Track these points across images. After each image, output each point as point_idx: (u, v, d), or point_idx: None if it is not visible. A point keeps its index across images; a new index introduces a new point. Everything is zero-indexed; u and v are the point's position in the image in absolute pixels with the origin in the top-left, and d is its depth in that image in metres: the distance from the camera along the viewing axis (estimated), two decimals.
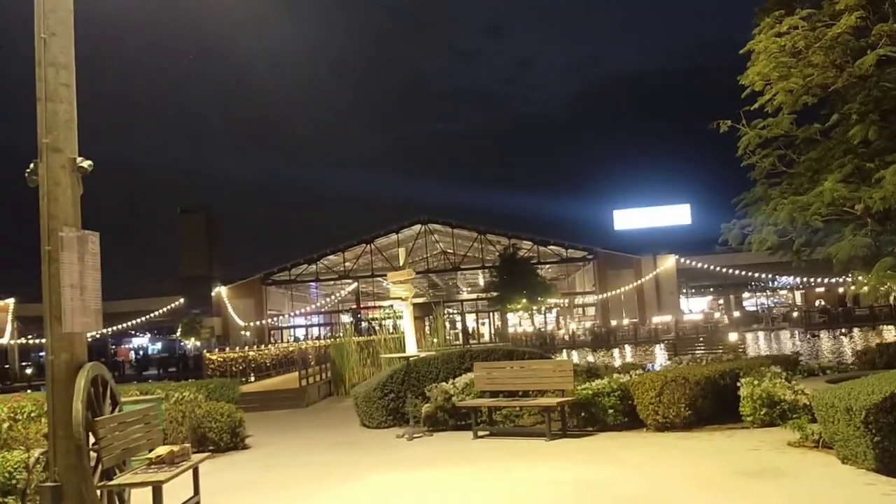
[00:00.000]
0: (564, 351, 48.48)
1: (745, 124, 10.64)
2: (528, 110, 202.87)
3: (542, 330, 61.23)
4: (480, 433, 12.24)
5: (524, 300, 57.66)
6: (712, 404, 11.57)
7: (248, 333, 64.58)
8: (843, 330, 49.02)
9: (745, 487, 7.57)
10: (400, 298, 14.34)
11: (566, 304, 69.90)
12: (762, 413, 10.80)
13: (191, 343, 65.03)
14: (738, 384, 11.23)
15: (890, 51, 9.11)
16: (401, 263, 15.28)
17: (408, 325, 14.23)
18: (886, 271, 9.67)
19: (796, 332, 52.10)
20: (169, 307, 70.59)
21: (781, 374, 11.53)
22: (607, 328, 57.27)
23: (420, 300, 52.07)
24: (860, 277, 11.66)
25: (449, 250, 75.10)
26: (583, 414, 12.01)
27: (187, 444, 7.83)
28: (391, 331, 28.64)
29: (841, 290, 64.22)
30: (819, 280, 61.80)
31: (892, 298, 64.45)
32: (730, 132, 11.19)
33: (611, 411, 11.77)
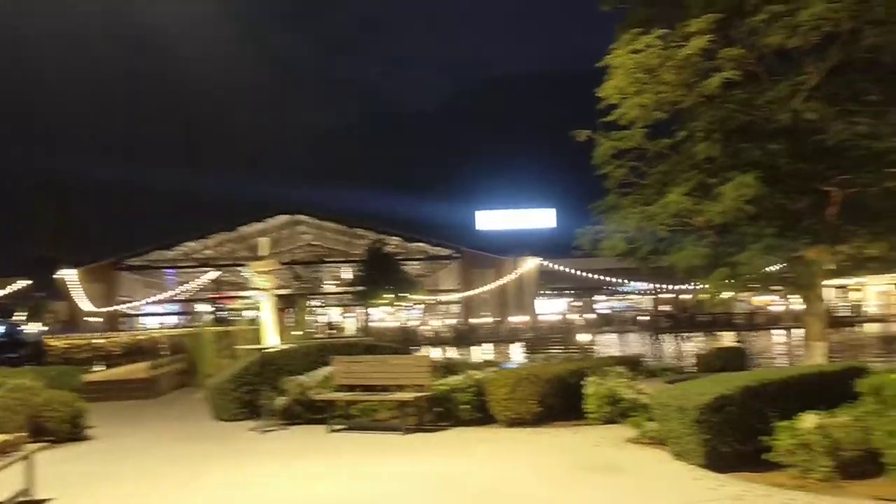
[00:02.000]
0: (427, 347, 48.93)
1: (603, 135, 11.16)
2: (402, 107, 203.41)
3: (406, 326, 61.54)
4: (336, 427, 12.21)
5: (389, 295, 57.91)
6: (561, 401, 12.02)
7: (97, 320, 61.37)
8: (686, 334, 52.03)
9: (585, 481, 7.95)
10: (261, 289, 14.07)
11: (431, 301, 70.62)
12: (605, 410, 11.34)
13: (34, 328, 61.15)
14: (584, 383, 11.74)
15: (734, 74, 9.82)
16: (263, 253, 15.01)
17: (268, 317, 13.98)
18: (722, 280, 10.41)
19: (644, 335, 54.79)
20: (11, 289, 66.05)
21: (625, 374, 12.14)
22: (469, 326, 58.27)
23: (283, 292, 51.07)
24: (702, 285, 12.44)
25: (316, 242, 74.34)
26: (439, 409, 12.21)
27: (22, 434, 7.40)
28: (251, 322, 28.02)
29: (687, 296, 68.30)
30: (667, 286, 65.47)
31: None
32: (592, 141, 11.70)
33: (465, 407, 12.03)
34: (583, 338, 26.97)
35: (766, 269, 11.40)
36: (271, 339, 13.65)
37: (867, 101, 10.15)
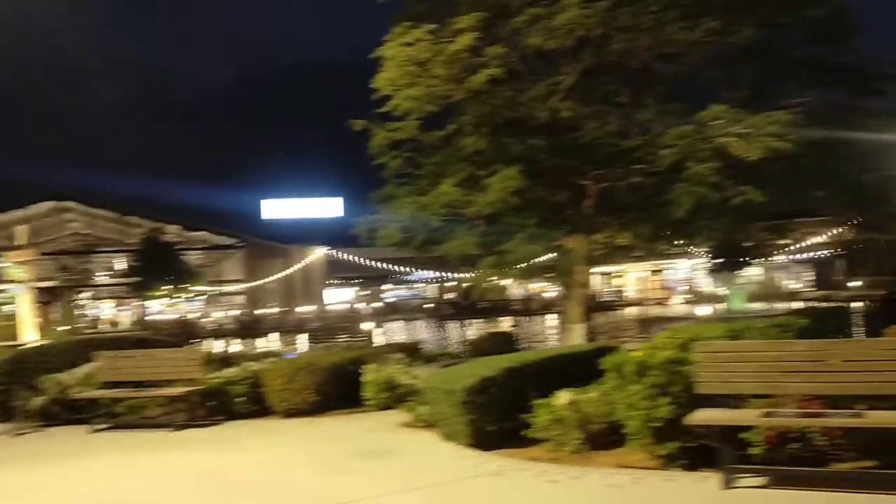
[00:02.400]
0: (210, 340, 47.23)
1: (378, 125, 11.33)
2: (185, 94, 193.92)
3: (186, 319, 58.97)
4: (100, 427, 11.47)
5: (167, 287, 55.20)
6: (340, 390, 12.05)
7: None
8: (468, 321, 54.18)
9: (354, 466, 8.05)
10: (17, 281, 12.89)
11: (214, 293, 68.13)
12: (383, 397, 11.53)
13: None
14: (362, 371, 11.87)
15: (498, 72, 10.35)
16: (20, 242, 13.75)
17: (25, 311, 12.84)
18: (492, 268, 10.97)
19: (429, 322, 56.34)
20: None
21: (403, 361, 12.42)
22: (254, 317, 56.87)
23: (45, 284, 47.33)
24: (475, 273, 12.99)
25: (86, 231, 69.11)
26: (213, 403, 11.82)
27: None
28: (6, 317, 25.59)
29: (469, 284, 71.06)
30: (451, 275, 67.74)
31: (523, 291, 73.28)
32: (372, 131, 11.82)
33: (241, 399, 11.75)
34: (367, 326, 27.21)
35: (535, 257, 12.13)
36: (28, 335, 12.55)
37: (617, 103, 11.08)
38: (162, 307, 63.55)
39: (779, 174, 10.23)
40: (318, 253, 65.54)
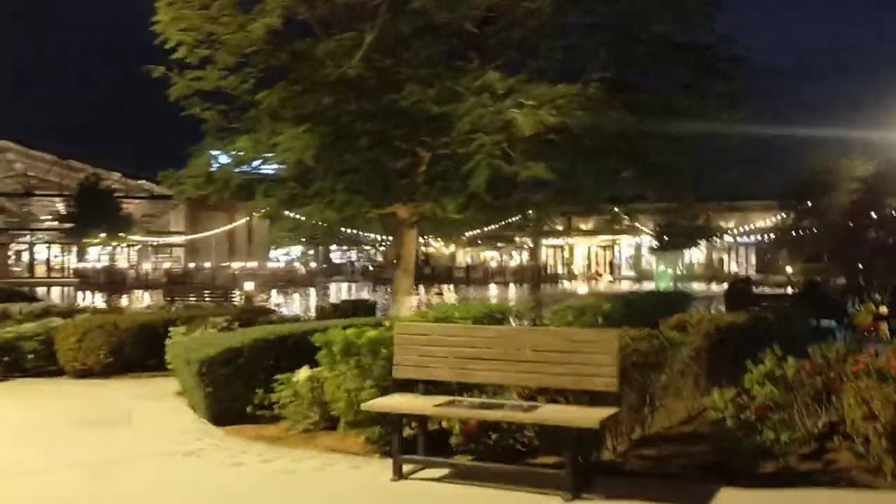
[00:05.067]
0: (136, 293, 46.19)
1: (178, 74, 10.48)
2: None
3: (113, 268, 57.73)
4: None
5: (103, 234, 54.20)
6: (147, 352, 11.46)
7: None
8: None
9: (70, 435, 7.56)
10: None
11: (153, 243, 67.01)
12: None
13: None
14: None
15: (277, 21, 9.58)
16: None
17: None
18: (287, 231, 10.39)
19: (362, 285, 55.60)
20: None
21: (219, 324, 11.82)
22: (185, 271, 55.80)
23: None
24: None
25: (30, 173, 67.42)
26: (6, 359, 11.23)
27: None
28: None
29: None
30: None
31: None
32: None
33: (31, 357, 11.17)
34: (250, 287, 26.33)
35: (334, 224, 11.55)
36: None
37: (447, 66, 10.42)
38: (99, 255, 62.39)
39: (572, 150, 9.73)
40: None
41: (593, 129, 9.51)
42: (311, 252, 75.54)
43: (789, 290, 26.31)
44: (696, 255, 65.17)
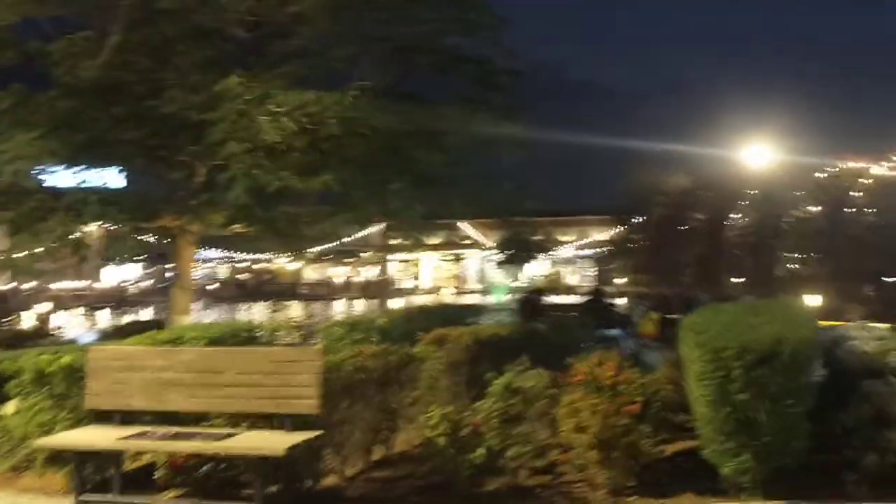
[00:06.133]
0: None
1: None
2: None
3: None
4: None
5: None
6: None
7: None
8: (247, 304, 51.76)
9: None
10: None
11: None
12: None
13: None
14: None
15: None
16: None
17: None
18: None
19: (202, 304, 53.32)
20: None
21: None
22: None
23: None
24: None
25: None
26: None
27: None
28: None
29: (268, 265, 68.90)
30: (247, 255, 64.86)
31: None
32: None
33: None
34: (43, 309, 24.25)
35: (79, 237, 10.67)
36: None
37: (205, 69, 9.79)
38: None
39: (341, 160, 9.41)
40: (92, 226, 60.48)
41: (359, 139, 9.20)
42: (150, 270, 71.86)
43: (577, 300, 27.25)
44: (539, 268, 67.11)
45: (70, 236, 10.10)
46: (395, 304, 51.84)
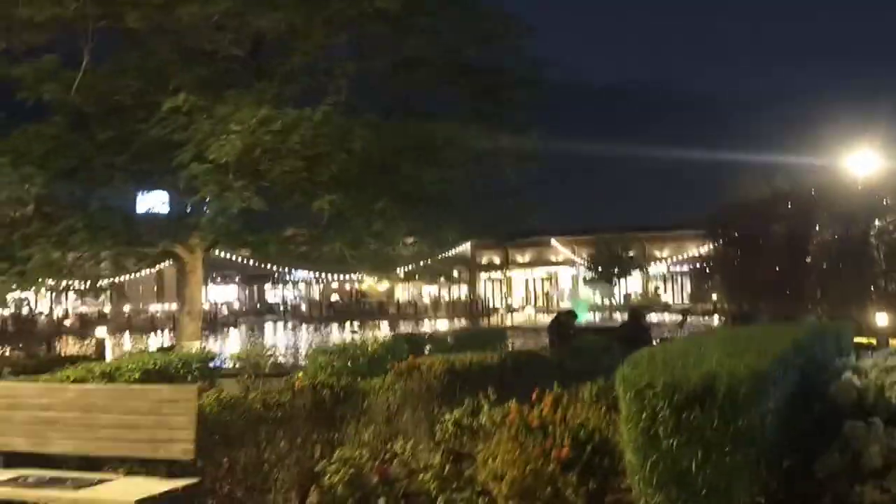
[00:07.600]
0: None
1: None
2: None
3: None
4: None
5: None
6: None
7: None
8: (343, 324, 52.21)
9: None
10: None
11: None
12: None
13: None
14: None
15: None
16: None
17: None
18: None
19: (290, 325, 54.28)
20: None
21: None
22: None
23: None
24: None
25: None
26: None
27: None
28: None
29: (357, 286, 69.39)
30: (335, 276, 65.67)
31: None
32: None
33: None
34: (101, 333, 24.69)
35: (56, 268, 10.50)
36: None
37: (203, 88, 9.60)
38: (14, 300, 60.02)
39: (329, 181, 8.96)
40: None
41: (345, 155, 8.75)
42: (246, 292, 73.99)
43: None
44: (633, 284, 65.09)
45: (51, 263, 9.95)
46: (484, 322, 51.23)
